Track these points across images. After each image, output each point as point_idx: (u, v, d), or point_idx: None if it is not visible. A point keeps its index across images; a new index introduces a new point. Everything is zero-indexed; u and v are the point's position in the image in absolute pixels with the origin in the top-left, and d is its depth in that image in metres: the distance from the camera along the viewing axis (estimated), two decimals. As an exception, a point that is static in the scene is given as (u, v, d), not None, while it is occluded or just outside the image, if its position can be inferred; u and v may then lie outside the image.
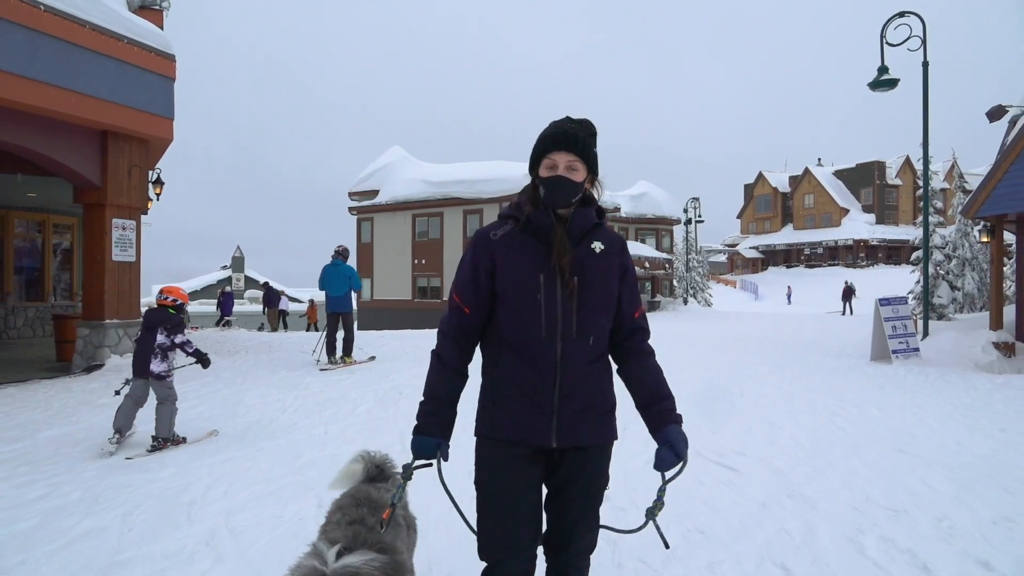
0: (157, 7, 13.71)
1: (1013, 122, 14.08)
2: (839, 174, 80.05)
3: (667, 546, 2.17)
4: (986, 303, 19.95)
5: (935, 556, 3.53)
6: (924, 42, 14.98)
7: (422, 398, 2.25)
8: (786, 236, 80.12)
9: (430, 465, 2.22)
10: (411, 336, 17.72)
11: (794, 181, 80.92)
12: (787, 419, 7.40)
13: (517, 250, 2.18)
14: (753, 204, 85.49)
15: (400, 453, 4.60)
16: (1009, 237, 16.64)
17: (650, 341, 2.34)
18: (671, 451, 2.12)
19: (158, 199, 12.47)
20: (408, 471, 2.19)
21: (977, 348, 13.70)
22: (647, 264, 36.22)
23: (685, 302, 40.30)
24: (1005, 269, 18.18)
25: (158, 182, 12.36)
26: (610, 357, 2.32)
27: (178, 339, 6.29)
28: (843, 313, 34.38)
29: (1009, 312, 15.00)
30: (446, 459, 2.20)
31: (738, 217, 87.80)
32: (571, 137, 2.17)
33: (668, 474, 2.15)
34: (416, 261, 40.74)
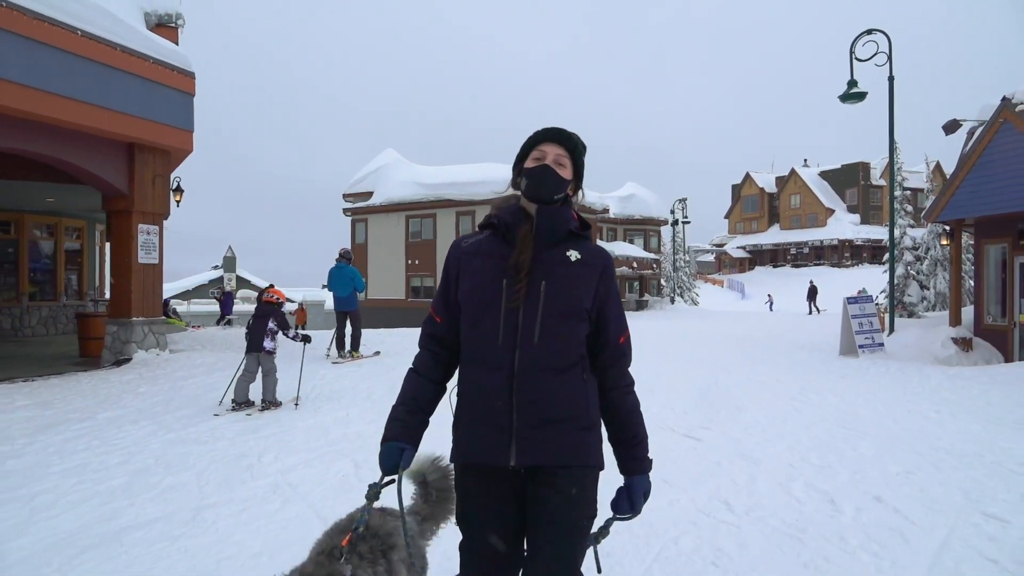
0: (172, 24, 14.63)
1: (971, 133, 15.19)
2: (824, 175, 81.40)
3: (599, 571, 2.08)
4: (968, 303, 21.15)
5: (842, 495, 4.57)
6: (890, 58, 16.06)
7: (390, 410, 2.14)
8: (773, 236, 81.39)
9: (395, 483, 2.03)
10: (408, 333, 18.72)
11: (780, 182, 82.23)
12: (751, 403, 8.44)
13: (483, 254, 2.11)
14: (740, 204, 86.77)
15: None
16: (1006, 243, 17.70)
17: (636, 341, 2.32)
18: (627, 501, 2.08)
19: (178, 206, 13.39)
20: (375, 491, 2.07)
21: (937, 343, 14.81)
22: (635, 264, 37.29)
23: (672, 301, 41.42)
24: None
25: (178, 190, 13.29)
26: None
27: (287, 331, 8.55)
28: (809, 312, 35.32)
29: (969, 310, 16.12)
30: (406, 467, 2.05)
31: (726, 217, 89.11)
32: (564, 134, 2.16)
33: (618, 516, 2.10)
34: (409, 261, 41.68)
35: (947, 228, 15.94)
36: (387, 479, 2.04)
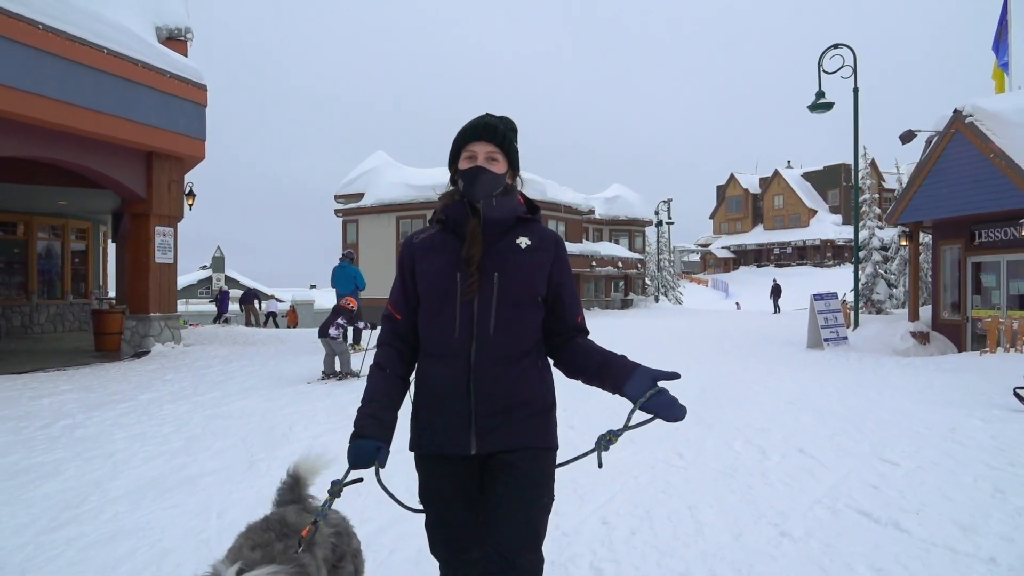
0: (182, 38, 15.56)
1: (929, 141, 16.36)
2: (807, 176, 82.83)
3: (600, 466, 2.14)
4: (926, 299, 22.42)
5: (773, 448, 5.66)
6: (855, 70, 17.22)
7: (360, 405, 2.13)
8: (756, 236, 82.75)
9: (360, 481, 2.06)
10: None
11: (764, 183, 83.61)
12: (716, 385, 9.52)
13: (436, 250, 2.14)
14: (725, 205, 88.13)
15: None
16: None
17: (618, 337, 2.92)
18: (648, 379, 2.05)
19: (191, 209, 14.31)
20: (337, 488, 2.05)
21: (897, 337, 15.98)
22: (620, 264, 38.42)
23: (656, 300, 42.64)
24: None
25: (190, 194, 14.21)
26: (549, 359, 2.26)
27: (358, 323, 11.23)
28: (774, 312, 35.79)
29: (928, 307, 17.31)
30: (383, 466, 2.04)
31: (711, 217, 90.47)
32: (490, 128, 2.15)
33: (641, 416, 2.04)
34: (401, 261, 42.66)
35: (906, 230, 17.12)
36: (354, 477, 2.05)
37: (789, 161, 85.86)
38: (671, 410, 2.00)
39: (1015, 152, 13.41)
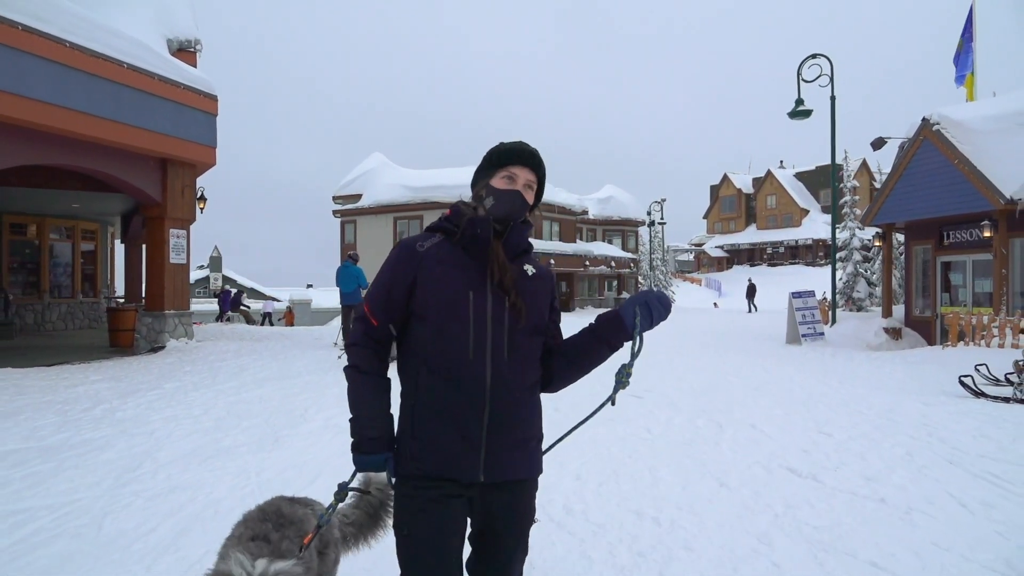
0: (192, 49, 16.36)
1: (902, 146, 17.25)
2: (800, 176, 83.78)
3: (613, 403, 2.19)
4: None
5: (729, 424, 6.52)
6: (832, 80, 18.10)
7: (351, 415, 2.09)
8: (750, 236, 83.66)
9: (368, 493, 2.25)
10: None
11: (757, 183, 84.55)
12: (693, 375, 10.38)
13: (446, 264, 2.07)
14: (718, 205, 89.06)
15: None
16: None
17: None
18: (634, 302, 2.10)
19: (202, 212, 15.11)
20: (343, 491, 2.13)
21: (871, 333, 16.86)
22: (613, 263, 39.30)
23: (649, 298, 43.51)
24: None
25: (201, 198, 15.00)
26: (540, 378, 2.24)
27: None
28: (749, 311, 36.20)
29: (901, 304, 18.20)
30: (393, 474, 2.08)
31: (704, 217, 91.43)
32: (536, 158, 2.16)
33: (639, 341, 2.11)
34: (398, 261, 43.56)
35: (879, 231, 18.02)
36: (356, 484, 2.16)
37: (782, 161, 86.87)
38: (661, 311, 2.09)
39: (978, 158, 14.31)
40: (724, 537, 3.77)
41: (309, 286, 76.30)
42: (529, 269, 2.16)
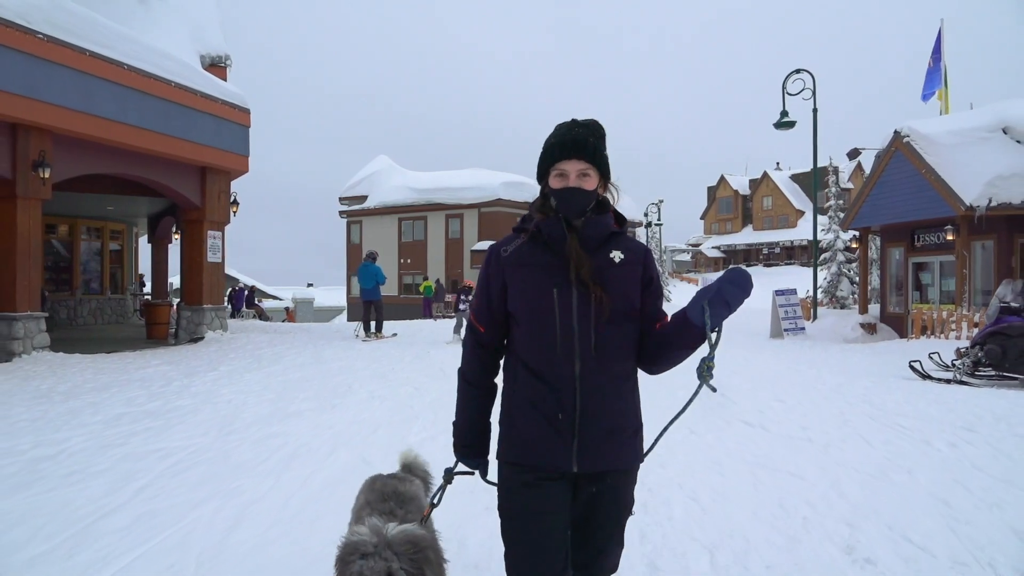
0: (222, 64, 17.74)
1: (878, 156, 18.67)
2: (795, 177, 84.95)
3: (713, 390, 2.18)
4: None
5: (703, 394, 7.91)
6: (814, 93, 19.50)
7: (455, 418, 2.31)
8: (746, 236, 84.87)
9: (472, 474, 2.36)
10: (406, 324, 22.23)
11: (754, 184, 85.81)
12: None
13: (527, 265, 2.12)
14: (715, 206, 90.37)
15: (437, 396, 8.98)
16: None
17: None
18: (703, 296, 2.03)
19: (235, 215, 16.46)
20: (450, 475, 2.35)
21: (848, 328, 18.28)
22: (611, 263, 40.70)
23: (646, 297, 44.96)
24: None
25: (234, 202, 16.36)
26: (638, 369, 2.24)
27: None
28: None
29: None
30: (485, 475, 2.32)
31: (701, 218, 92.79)
32: (580, 143, 2.11)
33: (711, 323, 2.03)
34: (402, 260, 45.05)
35: (856, 234, 19.45)
36: (462, 469, 2.35)
37: (778, 163, 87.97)
38: (736, 292, 2.02)
39: (943, 168, 15.72)
40: (687, 463, 5.18)
41: (310, 285, 77.64)
42: (616, 256, 2.15)
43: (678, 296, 54.02)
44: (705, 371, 2.13)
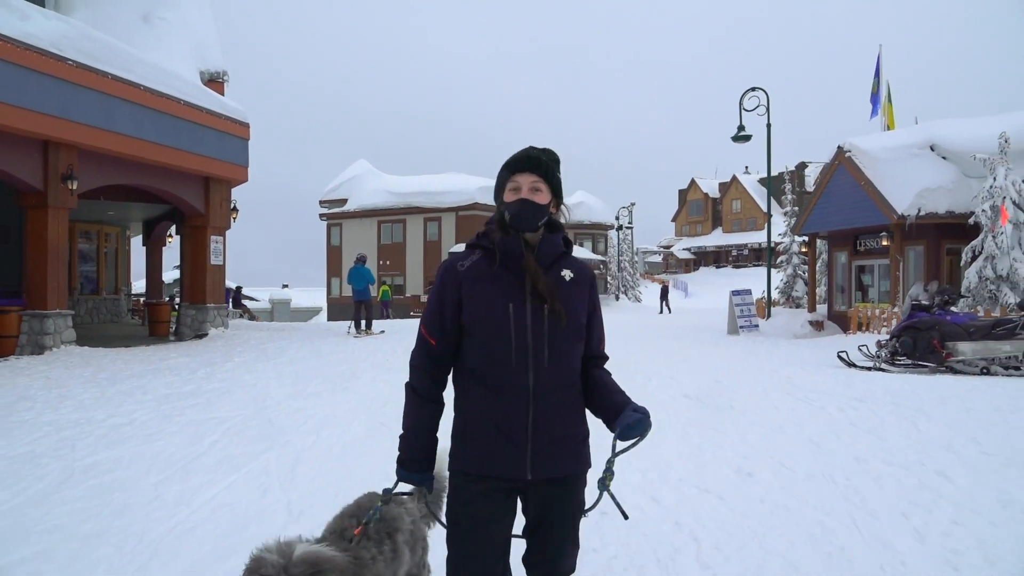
0: (220, 80, 18.96)
1: (824, 169, 20.43)
2: (763, 181, 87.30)
3: (625, 517, 2.34)
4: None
5: (655, 376, 9.46)
6: (768, 109, 21.21)
7: (402, 431, 2.33)
8: (716, 238, 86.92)
9: (409, 494, 2.46)
10: (388, 323, 23.68)
11: (723, 187, 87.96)
12: (641, 352, 13.32)
13: (485, 280, 2.21)
14: (686, 208, 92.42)
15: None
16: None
17: None
18: (632, 412, 2.18)
19: (235, 221, 17.72)
20: (387, 495, 2.35)
21: (798, 325, 19.99)
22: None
23: (617, 298, 46.74)
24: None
25: (234, 209, 17.62)
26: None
27: None
28: (660, 312, 37.26)
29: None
30: (430, 491, 2.37)
31: (673, 220, 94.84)
32: (533, 159, 2.24)
33: (623, 444, 2.20)
34: (381, 262, 46.29)
35: (805, 239, 21.22)
36: (400, 489, 2.38)
37: (747, 167, 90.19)
38: (639, 429, 2.16)
39: (879, 181, 17.51)
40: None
41: (285, 286, 78.33)
42: (567, 274, 2.27)
43: (649, 297, 55.92)
44: (607, 485, 2.23)
